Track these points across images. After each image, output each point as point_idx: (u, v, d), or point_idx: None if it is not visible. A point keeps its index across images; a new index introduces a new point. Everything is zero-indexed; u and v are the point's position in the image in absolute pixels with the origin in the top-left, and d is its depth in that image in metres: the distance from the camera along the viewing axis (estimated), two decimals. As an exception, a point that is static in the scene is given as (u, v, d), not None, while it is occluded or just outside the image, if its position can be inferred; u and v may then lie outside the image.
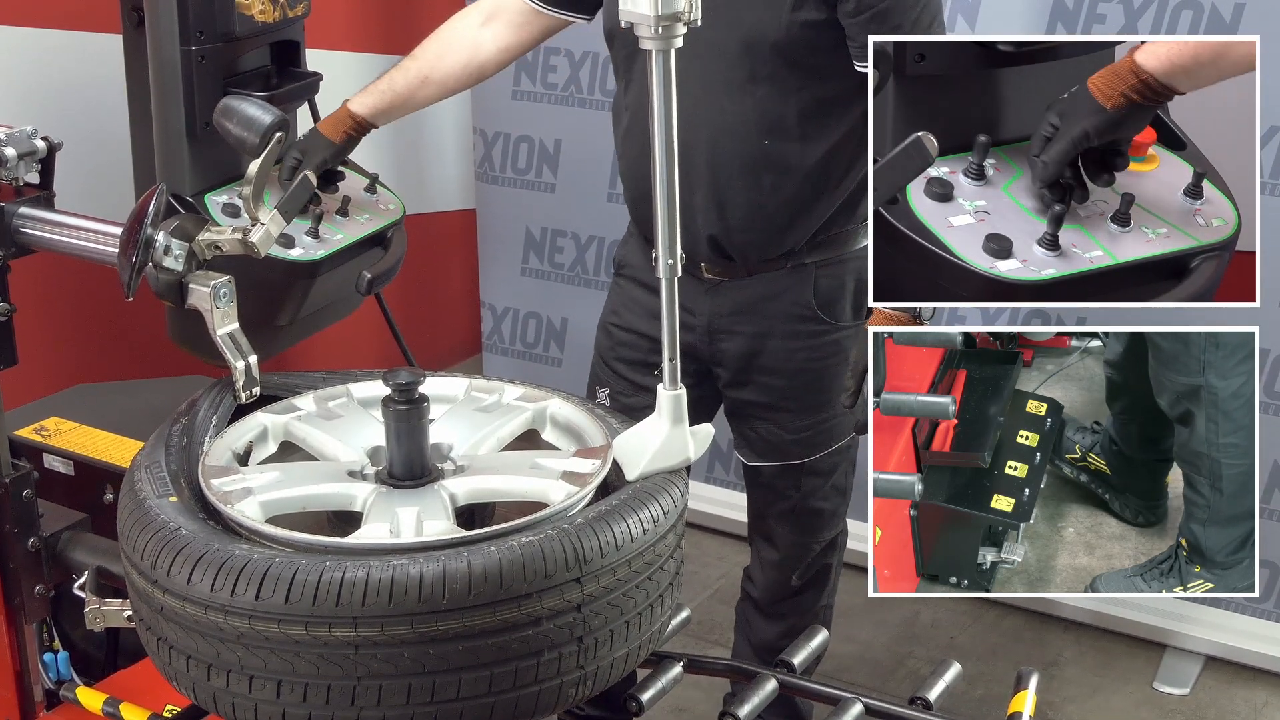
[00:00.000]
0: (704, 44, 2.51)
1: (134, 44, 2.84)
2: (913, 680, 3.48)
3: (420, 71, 2.81)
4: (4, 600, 2.26)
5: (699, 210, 2.62)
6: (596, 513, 1.77)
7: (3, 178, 2.16)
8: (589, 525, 1.73)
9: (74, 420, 2.60)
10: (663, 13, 1.76)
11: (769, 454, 2.86)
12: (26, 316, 2.23)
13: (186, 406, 2.05)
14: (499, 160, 4.42)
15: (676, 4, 1.76)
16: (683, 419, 1.94)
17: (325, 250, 2.71)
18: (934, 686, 2.03)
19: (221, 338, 2.00)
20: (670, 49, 1.81)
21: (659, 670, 2.09)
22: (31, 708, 2.33)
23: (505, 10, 2.79)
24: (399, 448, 1.91)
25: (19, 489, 2.23)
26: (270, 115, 2.14)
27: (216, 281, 1.99)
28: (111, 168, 3.05)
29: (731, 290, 2.72)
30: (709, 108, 2.55)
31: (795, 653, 2.12)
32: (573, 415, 2.08)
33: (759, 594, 3.08)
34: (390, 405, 1.90)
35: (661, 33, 1.78)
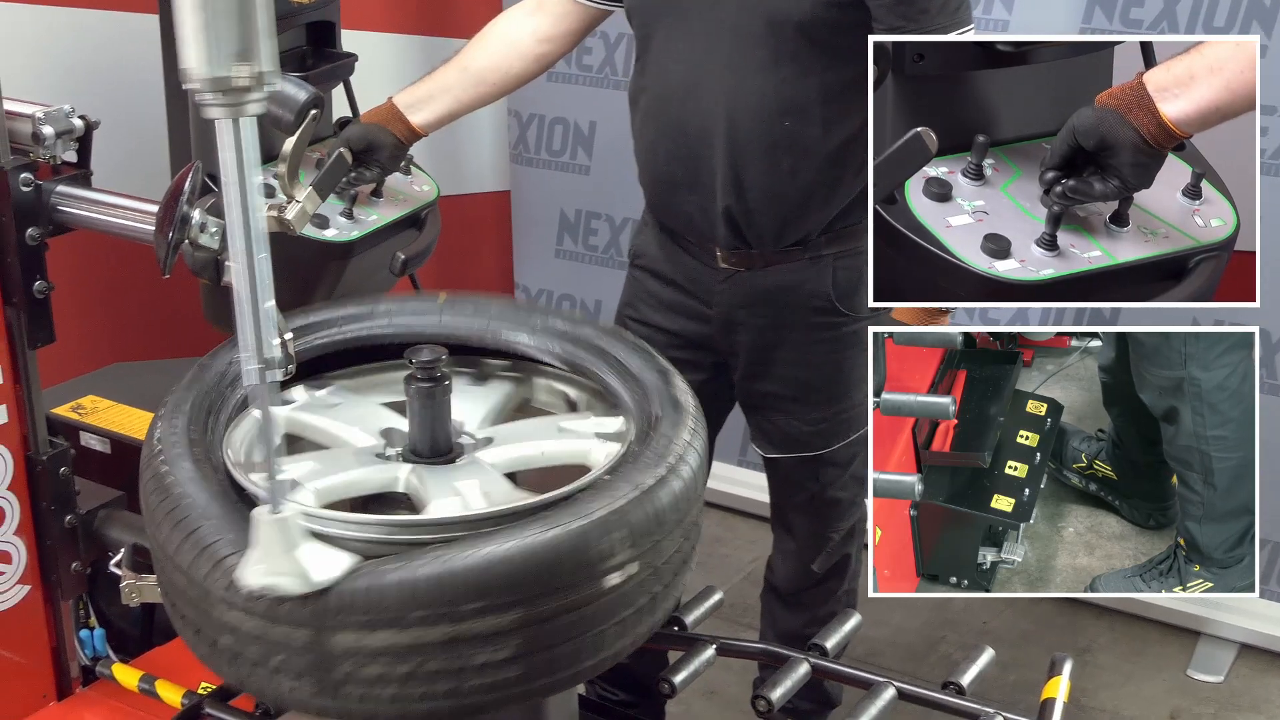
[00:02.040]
0: (727, 24, 2.50)
1: (171, 24, 2.85)
2: (945, 665, 3.47)
3: (479, 74, 2.79)
4: (41, 577, 2.28)
5: (718, 189, 2.60)
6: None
7: (41, 156, 2.17)
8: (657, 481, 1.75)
9: (110, 399, 2.61)
10: (208, 75, 1.44)
11: (786, 446, 2.84)
12: (64, 294, 2.24)
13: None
14: (534, 142, 4.42)
15: (228, 65, 1.43)
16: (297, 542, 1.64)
17: (360, 231, 2.72)
18: (967, 671, 2.03)
19: (257, 315, 2.00)
20: (238, 119, 1.49)
21: (691, 652, 2.09)
22: (68, 684, 2.35)
23: (548, 6, 2.78)
24: (424, 425, 1.91)
25: (56, 466, 2.25)
26: (306, 93, 2.14)
27: (252, 259, 1.99)
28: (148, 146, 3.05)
29: (748, 281, 2.69)
30: (731, 87, 2.53)
31: (828, 636, 2.12)
32: (556, 379, 2.10)
33: (780, 583, 3.07)
34: (413, 383, 1.90)
35: (215, 99, 1.46)
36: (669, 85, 2.60)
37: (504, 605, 1.62)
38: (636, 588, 1.72)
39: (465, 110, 2.82)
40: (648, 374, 2.01)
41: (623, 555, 1.68)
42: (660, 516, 1.72)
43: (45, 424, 2.26)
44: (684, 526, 1.79)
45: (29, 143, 2.16)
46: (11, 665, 2.28)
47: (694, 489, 1.80)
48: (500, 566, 1.61)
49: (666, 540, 1.75)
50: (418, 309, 2.14)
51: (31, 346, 2.20)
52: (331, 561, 1.63)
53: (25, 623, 2.27)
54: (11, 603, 2.25)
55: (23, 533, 2.24)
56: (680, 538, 1.79)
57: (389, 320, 2.13)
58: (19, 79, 2.20)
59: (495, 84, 2.81)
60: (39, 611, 2.29)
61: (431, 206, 2.90)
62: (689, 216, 2.66)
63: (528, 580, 1.62)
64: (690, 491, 1.79)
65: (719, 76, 2.52)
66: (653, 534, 1.71)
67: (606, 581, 1.68)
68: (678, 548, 1.79)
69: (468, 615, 1.61)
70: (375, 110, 2.78)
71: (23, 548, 2.24)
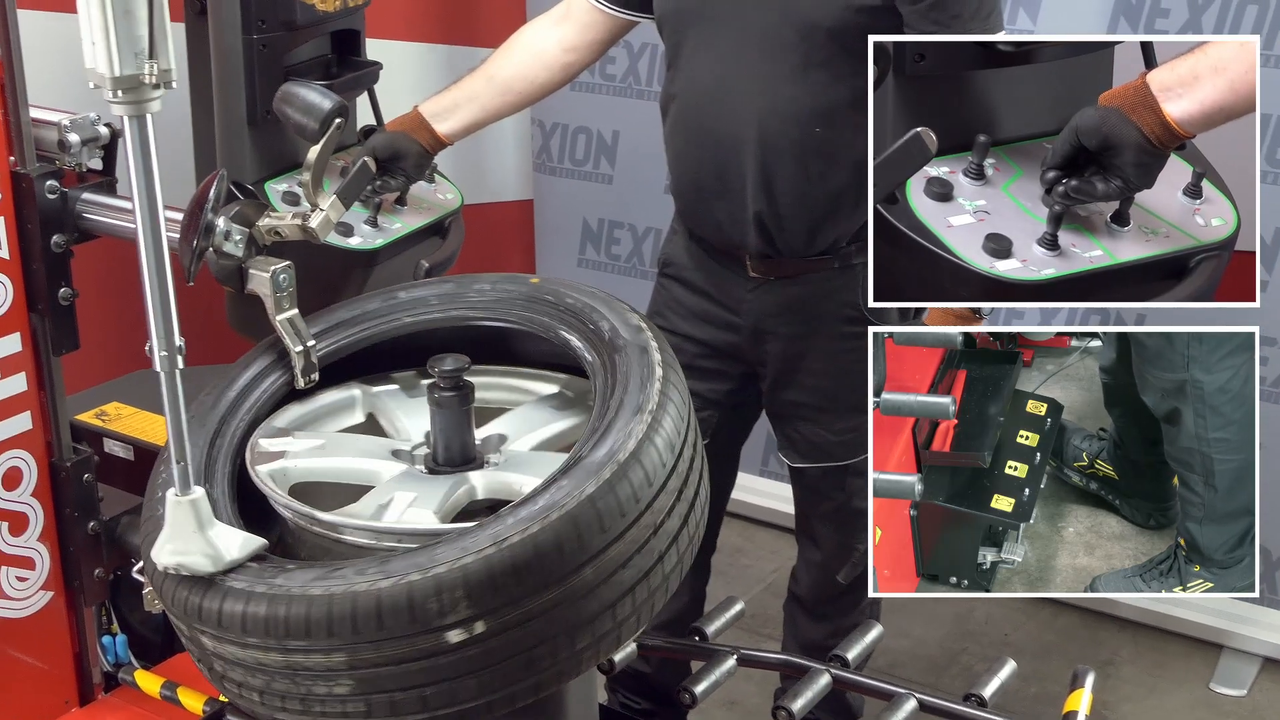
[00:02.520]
0: (758, 31, 2.50)
1: (196, 32, 2.86)
2: (966, 677, 3.47)
3: (505, 83, 2.79)
4: (64, 583, 2.28)
5: (748, 195, 2.60)
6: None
7: (66, 164, 2.18)
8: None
9: (134, 405, 2.62)
10: (120, 74, 1.55)
11: (813, 455, 2.83)
12: (88, 301, 2.25)
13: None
14: (557, 151, 4.42)
15: (139, 64, 1.54)
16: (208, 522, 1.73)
17: (384, 239, 2.72)
18: (988, 684, 2.02)
19: (281, 323, 2.01)
20: (143, 115, 1.59)
21: (712, 663, 2.10)
22: (90, 690, 2.35)
23: (574, 15, 2.78)
24: (440, 434, 1.92)
25: (79, 473, 2.25)
26: (330, 101, 2.15)
27: (276, 267, 2.00)
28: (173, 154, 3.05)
29: (777, 290, 2.69)
30: (761, 94, 2.54)
31: (849, 647, 2.11)
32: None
33: (804, 594, 3.06)
34: (435, 391, 1.91)
35: (123, 96, 1.57)
36: (699, 93, 2.61)
37: (328, 647, 1.61)
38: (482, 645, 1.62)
39: (491, 119, 2.83)
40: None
41: (459, 614, 1.59)
42: (503, 578, 1.59)
43: (69, 430, 2.26)
44: (563, 589, 1.62)
45: (55, 150, 2.17)
46: (34, 671, 2.29)
47: (558, 548, 1.62)
48: (323, 608, 1.60)
49: (527, 601, 1.61)
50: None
51: (56, 353, 2.20)
52: (239, 542, 1.70)
53: (48, 629, 2.28)
54: (34, 609, 2.26)
55: (46, 539, 2.25)
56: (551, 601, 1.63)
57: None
58: (45, 86, 2.21)
59: (521, 93, 2.81)
60: (62, 618, 2.30)
61: (455, 215, 2.91)
62: (719, 223, 2.67)
63: (352, 626, 1.59)
64: (547, 554, 1.61)
65: (749, 83, 2.52)
66: (498, 594, 1.59)
67: (446, 637, 1.60)
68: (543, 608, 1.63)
69: (295, 650, 1.63)
70: (401, 119, 2.79)
71: (46, 554, 2.25)
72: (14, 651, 2.26)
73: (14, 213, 2.13)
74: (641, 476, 1.66)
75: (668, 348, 1.89)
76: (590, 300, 2.01)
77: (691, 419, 1.81)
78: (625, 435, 1.69)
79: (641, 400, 1.74)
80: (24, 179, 2.13)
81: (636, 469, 1.66)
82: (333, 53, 2.93)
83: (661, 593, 1.73)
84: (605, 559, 1.63)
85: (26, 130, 2.14)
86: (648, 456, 1.68)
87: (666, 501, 1.70)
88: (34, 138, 2.16)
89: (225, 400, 2.00)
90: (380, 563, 1.61)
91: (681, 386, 1.82)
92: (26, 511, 2.22)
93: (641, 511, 1.66)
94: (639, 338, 1.88)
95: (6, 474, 2.18)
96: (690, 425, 1.80)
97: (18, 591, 2.23)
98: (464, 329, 2.07)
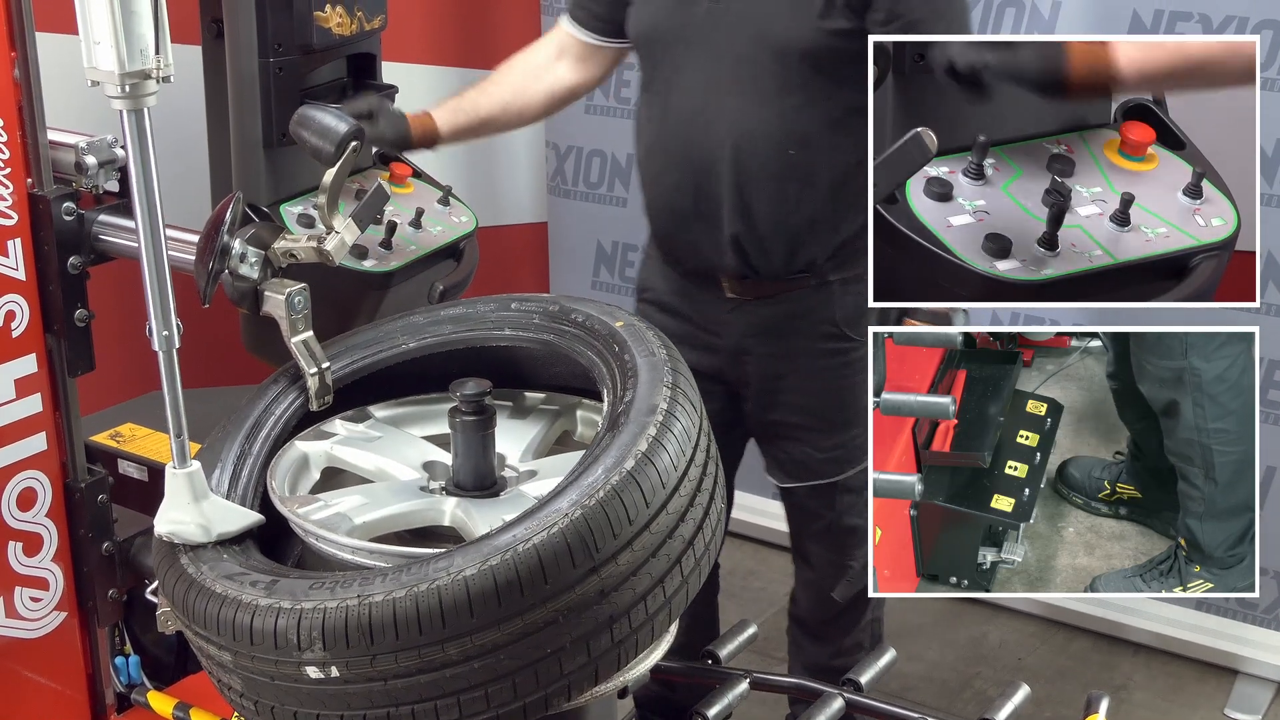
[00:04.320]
0: (733, 54, 2.51)
1: (213, 55, 2.87)
2: (980, 701, 3.45)
3: (501, 97, 2.80)
4: (77, 604, 2.29)
5: (724, 217, 2.60)
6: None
7: (83, 186, 2.19)
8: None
9: (149, 427, 2.62)
10: (129, 70, 1.65)
11: (800, 474, 2.83)
12: (104, 323, 2.26)
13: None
14: (571, 174, 4.43)
15: (145, 60, 1.65)
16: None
17: (398, 261, 2.73)
18: (1002, 708, 2.02)
19: (295, 345, 2.02)
20: (142, 108, 1.69)
21: (725, 686, 2.10)
22: (103, 711, 2.36)
23: (570, 45, 2.80)
24: (469, 459, 1.91)
25: (94, 494, 2.26)
26: (346, 124, 2.16)
27: (291, 289, 2.01)
28: (189, 177, 3.07)
29: (755, 310, 2.69)
30: (737, 117, 2.54)
31: (862, 671, 2.11)
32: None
33: (804, 615, 3.05)
34: (458, 416, 1.90)
35: (129, 91, 1.67)
36: (675, 117, 2.61)
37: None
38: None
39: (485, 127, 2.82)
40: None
41: (315, 653, 1.60)
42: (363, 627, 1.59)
43: (84, 451, 2.27)
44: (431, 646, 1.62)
45: (72, 172, 2.18)
46: (47, 691, 2.29)
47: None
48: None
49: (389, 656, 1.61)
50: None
51: (71, 374, 2.21)
52: (234, 516, 1.79)
53: (61, 649, 2.29)
54: (48, 629, 2.26)
55: (60, 559, 2.25)
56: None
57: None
58: (63, 109, 2.22)
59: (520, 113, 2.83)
60: (75, 638, 2.30)
61: (469, 237, 2.92)
62: (695, 246, 2.66)
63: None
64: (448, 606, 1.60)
65: (725, 106, 2.53)
66: (355, 646, 1.59)
67: (305, 670, 1.62)
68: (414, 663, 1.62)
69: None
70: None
71: (60, 574, 2.26)
72: (27, 672, 2.26)
73: (31, 234, 2.14)
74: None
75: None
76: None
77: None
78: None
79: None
80: (41, 200, 2.14)
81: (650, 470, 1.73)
82: (349, 76, 2.94)
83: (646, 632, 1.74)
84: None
85: (44, 152, 2.15)
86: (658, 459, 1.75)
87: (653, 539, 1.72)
88: (51, 160, 2.17)
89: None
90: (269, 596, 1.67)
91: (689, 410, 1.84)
92: (41, 532, 2.22)
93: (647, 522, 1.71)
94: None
95: (21, 495, 2.19)
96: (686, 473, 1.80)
97: (31, 612, 2.24)
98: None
